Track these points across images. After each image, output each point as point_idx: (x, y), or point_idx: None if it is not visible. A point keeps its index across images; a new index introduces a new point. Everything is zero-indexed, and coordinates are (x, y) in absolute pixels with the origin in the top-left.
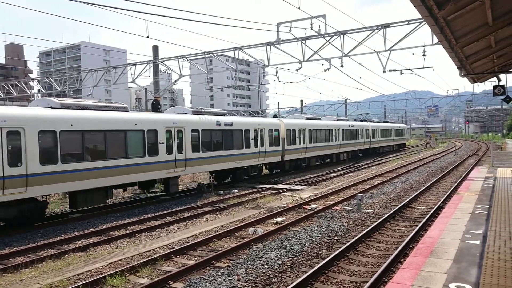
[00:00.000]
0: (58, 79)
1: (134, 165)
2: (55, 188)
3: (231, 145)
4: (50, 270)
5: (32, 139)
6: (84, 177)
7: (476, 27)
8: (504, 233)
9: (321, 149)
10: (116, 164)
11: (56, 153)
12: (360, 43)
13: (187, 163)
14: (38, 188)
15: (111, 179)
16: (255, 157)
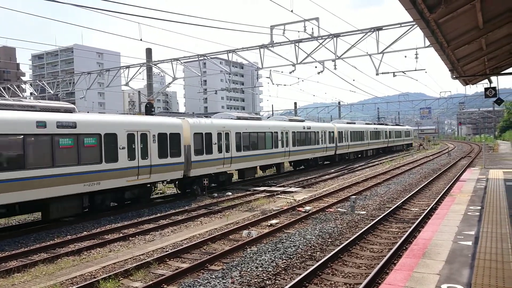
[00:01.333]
0: (51, 82)
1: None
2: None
3: (309, 142)
4: (42, 274)
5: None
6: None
7: (467, 30)
8: (496, 234)
9: (358, 147)
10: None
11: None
12: (353, 45)
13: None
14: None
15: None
16: (323, 151)
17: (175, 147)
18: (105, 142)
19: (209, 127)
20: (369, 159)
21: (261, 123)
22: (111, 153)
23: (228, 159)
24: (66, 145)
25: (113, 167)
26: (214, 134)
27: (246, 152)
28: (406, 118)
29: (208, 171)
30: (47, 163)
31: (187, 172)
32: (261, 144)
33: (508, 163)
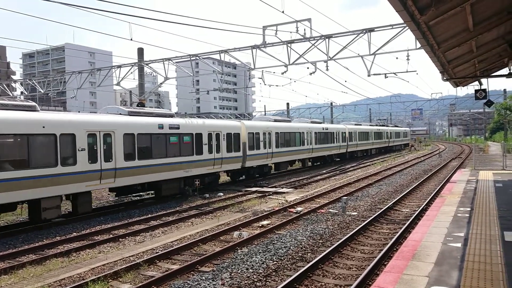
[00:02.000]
0: (42, 81)
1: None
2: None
3: (327, 141)
4: (30, 276)
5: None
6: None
7: (458, 32)
8: (485, 236)
9: (364, 145)
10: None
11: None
12: (345, 47)
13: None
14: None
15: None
16: (337, 149)
17: (237, 144)
18: (196, 139)
19: (257, 127)
20: (366, 158)
21: (292, 125)
22: (198, 148)
23: (270, 154)
24: (173, 141)
25: (199, 159)
26: (261, 133)
27: (282, 149)
28: (398, 119)
29: (257, 163)
30: (163, 154)
31: (243, 164)
32: (293, 142)
33: (498, 164)
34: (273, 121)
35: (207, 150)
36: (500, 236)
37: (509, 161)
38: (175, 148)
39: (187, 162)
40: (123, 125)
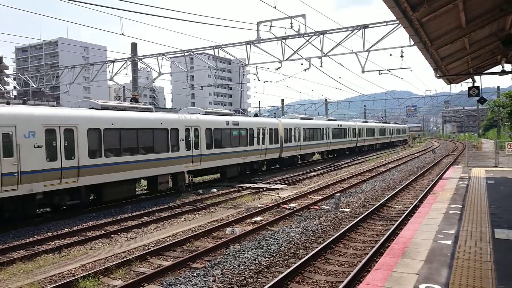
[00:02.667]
0: (35, 76)
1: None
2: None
3: (341, 136)
4: (20, 272)
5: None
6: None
7: (451, 29)
8: (476, 233)
9: (371, 141)
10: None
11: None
12: (339, 43)
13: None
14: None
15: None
16: (349, 143)
17: (276, 138)
18: (249, 133)
19: (290, 124)
20: (363, 154)
21: (315, 122)
22: (251, 141)
23: (299, 146)
24: (235, 135)
25: (252, 149)
26: (293, 129)
27: (308, 142)
28: (392, 115)
29: (289, 154)
30: (229, 144)
31: (280, 154)
32: (315, 137)
33: (491, 161)
34: (300, 119)
35: (257, 142)
36: (491, 234)
37: (501, 158)
38: (236, 140)
39: (244, 151)
40: (204, 122)
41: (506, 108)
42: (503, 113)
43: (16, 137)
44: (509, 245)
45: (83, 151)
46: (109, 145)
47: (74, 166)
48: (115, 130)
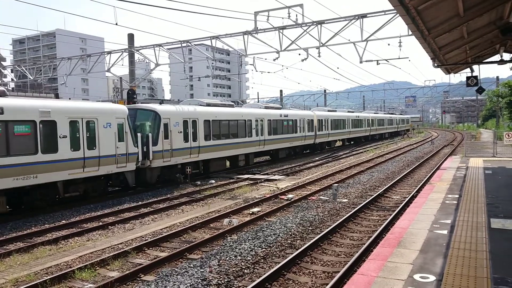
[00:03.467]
0: (31, 68)
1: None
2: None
3: (359, 126)
4: (17, 264)
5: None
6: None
7: (448, 17)
8: (471, 223)
9: (381, 130)
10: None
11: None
12: (337, 33)
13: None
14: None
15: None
16: (365, 132)
17: (311, 127)
18: (294, 123)
19: (321, 116)
20: (367, 143)
21: (339, 114)
22: (296, 129)
23: (327, 134)
24: (285, 124)
25: (296, 136)
26: (323, 120)
27: (334, 131)
28: (391, 106)
29: (321, 141)
30: (281, 132)
31: (315, 140)
32: (339, 127)
33: (489, 151)
34: (327, 111)
35: (299, 130)
36: (487, 223)
37: (499, 148)
38: (286, 128)
39: (291, 137)
40: (267, 115)
41: (505, 98)
42: (502, 103)
43: (169, 126)
44: (505, 235)
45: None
46: (214, 131)
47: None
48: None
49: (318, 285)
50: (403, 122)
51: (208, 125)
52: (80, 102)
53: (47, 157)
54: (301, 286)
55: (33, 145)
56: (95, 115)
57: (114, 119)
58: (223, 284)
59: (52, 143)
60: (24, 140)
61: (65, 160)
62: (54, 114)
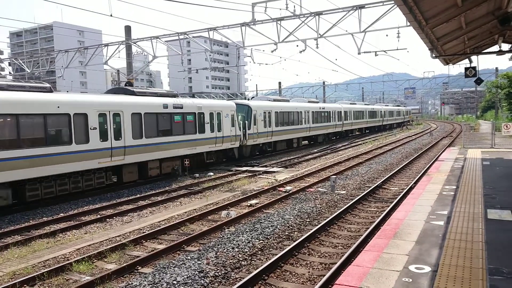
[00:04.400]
0: (29, 61)
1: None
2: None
3: (373, 116)
4: (14, 257)
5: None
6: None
7: (446, 7)
8: (468, 214)
9: (390, 120)
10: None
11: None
12: (335, 24)
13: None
14: (333, 129)
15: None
16: (378, 122)
17: (340, 117)
18: (329, 115)
19: (347, 108)
20: (364, 135)
21: (358, 106)
22: (329, 119)
23: (351, 123)
24: (324, 115)
25: (330, 124)
26: (348, 111)
27: (356, 121)
28: (390, 98)
29: (346, 128)
30: (322, 121)
31: (342, 128)
32: (359, 117)
33: (487, 142)
34: (350, 104)
35: (332, 120)
36: (483, 214)
37: (498, 140)
38: (323, 118)
39: (327, 125)
40: (312, 107)
41: (504, 89)
42: (501, 94)
43: (257, 116)
44: (501, 226)
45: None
46: (280, 120)
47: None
48: (319, 112)
49: (315, 276)
50: (407, 113)
51: (277, 116)
52: (212, 100)
53: (200, 136)
54: (298, 278)
55: (195, 128)
56: (221, 109)
57: (229, 111)
58: (220, 276)
59: (202, 127)
60: (190, 124)
61: (207, 138)
62: (204, 108)
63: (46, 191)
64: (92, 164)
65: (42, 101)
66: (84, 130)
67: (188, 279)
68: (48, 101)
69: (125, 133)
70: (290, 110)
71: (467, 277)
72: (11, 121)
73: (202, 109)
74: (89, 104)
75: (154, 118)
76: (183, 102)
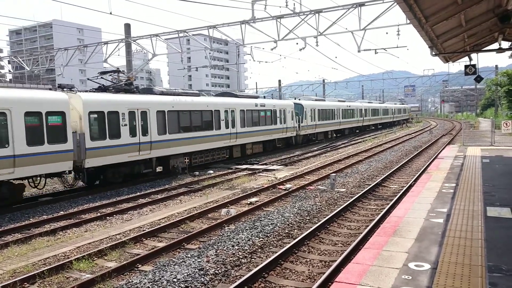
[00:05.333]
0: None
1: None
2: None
3: (376, 114)
4: (15, 255)
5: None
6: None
7: (446, 5)
8: (468, 211)
9: (399, 117)
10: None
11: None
12: (335, 22)
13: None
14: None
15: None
16: (388, 119)
17: (361, 114)
18: (355, 112)
19: (365, 106)
20: (367, 133)
21: (373, 105)
22: (354, 115)
23: (368, 119)
24: (349, 112)
25: (353, 119)
26: (364, 109)
27: (372, 117)
28: (390, 95)
29: (365, 124)
30: (349, 117)
31: (363, 123)
32: (374, 114)
33: (487, 140)
34: (368, 103)
35: (355, 116)
36: (483, 212)
37: (497, 137)
38: (349, 114)
39: (352, 121)
40: (342, 105)
41: (504, 87)
42: (501, 92)
43: (307, 112)
44: (501, 223)
45: (316, 118)
46: (320, 115)
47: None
48: (322, 109)
49: (314, 274)
50: (408, 111)
51: (319, 112)
52: (280, 101)
53: (269, 127)
54: (298, 275)
55: (271, 121)
56: (285, 107)
57: (290, 108)
58: (220, 274)
59: (274, 120)
60: (268, 119)
61: (275, 129)
62: (276, 106)
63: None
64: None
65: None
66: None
67: (188, 277)
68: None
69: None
70: (328, 107)
71: (466, 275)
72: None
73: (275, 107)
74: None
75: (252, 113)
76: (265, 102)
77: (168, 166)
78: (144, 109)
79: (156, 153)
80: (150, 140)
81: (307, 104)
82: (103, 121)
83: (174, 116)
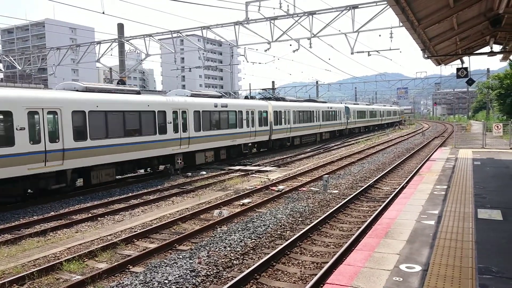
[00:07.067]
0: (20, 58)
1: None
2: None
3: (376, 116)
4: (4, 256)
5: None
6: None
7: (438, 8)
8: (459, 213)
9: (398, 118)
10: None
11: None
12: (328, 24)
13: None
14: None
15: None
16: (389, 120)
17: (375, 115)
18: (374, 113)
19: (377, 108)
20: (357, 135)
21: (374, 107)
22: (375, 115)
23: (367, 120)
24: (373, 113)
25: (374, 119)
26: (376, 111)
27: (371, 118)
28: (383, 98)
29: (352, 126)
30: (368, 117)
31: (346, 127)
32: (377, 116)
33: (478, 142)
34: (366, 105)
35: (379, 116)
36: (474, 214)
37: (489, 140)
38: (367, 115)
39: (371, 119)
40: (349, 107)
41: (495, 90)
42: (492, 95)
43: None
44: (491, 225)
45: (351, 118)
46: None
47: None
48: (325, 111)
49: (306, 275)
50: (402, 113)
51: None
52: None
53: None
54: (290, 277)
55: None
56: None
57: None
58: (212, 275)
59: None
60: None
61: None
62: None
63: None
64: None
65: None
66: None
67: (179, 278)
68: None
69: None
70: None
71: (457, 276)
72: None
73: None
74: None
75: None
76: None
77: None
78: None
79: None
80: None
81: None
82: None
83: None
